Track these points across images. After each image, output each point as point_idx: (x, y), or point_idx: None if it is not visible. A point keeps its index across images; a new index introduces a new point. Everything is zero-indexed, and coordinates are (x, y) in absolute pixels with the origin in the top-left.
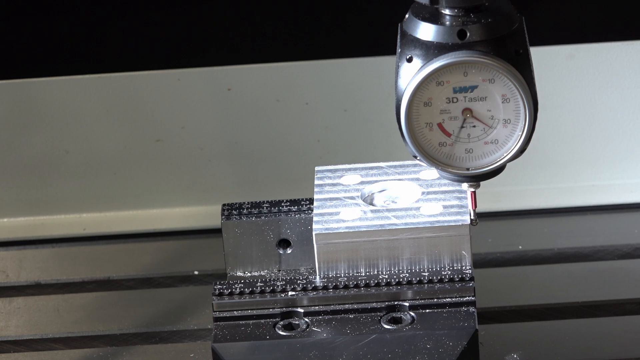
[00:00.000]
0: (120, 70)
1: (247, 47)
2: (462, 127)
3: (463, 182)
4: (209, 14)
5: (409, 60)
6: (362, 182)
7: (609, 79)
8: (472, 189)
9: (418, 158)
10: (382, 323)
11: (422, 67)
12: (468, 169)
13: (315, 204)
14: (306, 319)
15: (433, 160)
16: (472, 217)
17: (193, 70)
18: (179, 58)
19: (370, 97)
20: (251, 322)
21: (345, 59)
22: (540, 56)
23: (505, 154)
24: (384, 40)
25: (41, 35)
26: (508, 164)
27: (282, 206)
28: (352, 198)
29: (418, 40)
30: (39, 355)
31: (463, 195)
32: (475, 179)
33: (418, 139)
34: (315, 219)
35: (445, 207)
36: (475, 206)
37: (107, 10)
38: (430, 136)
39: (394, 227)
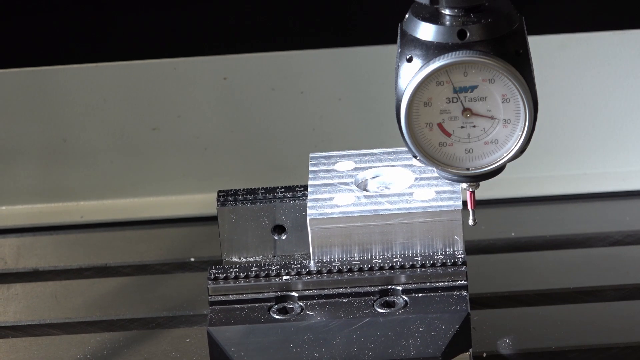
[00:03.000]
0: (117, 60)
1: (243, 37)
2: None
3: (463, 182)
4: (205, 3)
5: (409, 60)
6: (355, 169)
7: (602, 68)
8: (471, 189)
9: (418, 158)
10: (375, 307)
11: (422, 67)
12: (468, 169)
13: (309, 189)
14: (300, 303)
15: (433, 160)
16: (472, 218)
17: (189, 60)
18: (175, 47)
19: (364, 86)
20: (246, 306)
21: (340, 48)
22: (533, 45)
23: (505, 154)
24: (379, 29)
25: (38, 25)
26: None
27: (277, 192)
28: (346, 184)
29: (418, 40)
30: (37, 341)
31: None
32: (475, 179)
33: (418, 139)
34: (309, 204)
35: (437, 192)
36: (474, 206)
37: (104, 0)
38: (430, 136)
39: (387, 212)
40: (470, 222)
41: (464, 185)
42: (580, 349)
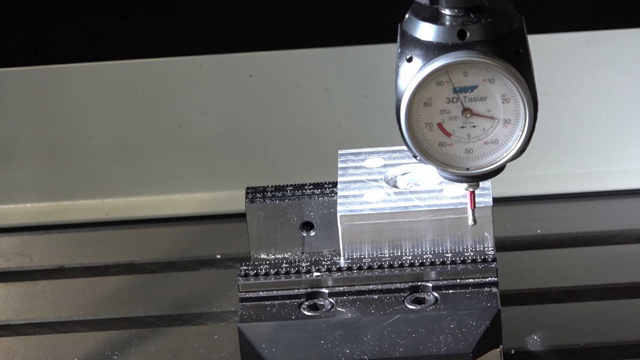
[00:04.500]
0: (143, 57)
1: (269, 34)
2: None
3: (463, 182)
4: (231, 0)
5: (409, 60)
6: (385, 165)
7: (627, 65)
8: (471, 189)
9: (418, 158)
10: (406, 303)
11: (422, 67)
12: (468, 169)
13: (339, 186)
14: (331, 300)
15: (433, 160)
16: (471, 218)
17: (215, 57)
18: (201, 44)
19: (389, 83)
20: (276, 302)
21: (365, 45)
22: (558, 43)
23: (505, 154)
24: None
25: (63, 22)
26: (528, 149)
27: (306, 189)
28: (375, 181)
29: (418, 40)
30: (64, 337)
31: None
32: (475, 179)
33: (418, 139)
34: (339, 200)
35: None
36: (474, 206)
37: None
38: (430, 136)
39: (417, 208)
40: (470, 222)
41: (464, 185)
42: (608, 345)
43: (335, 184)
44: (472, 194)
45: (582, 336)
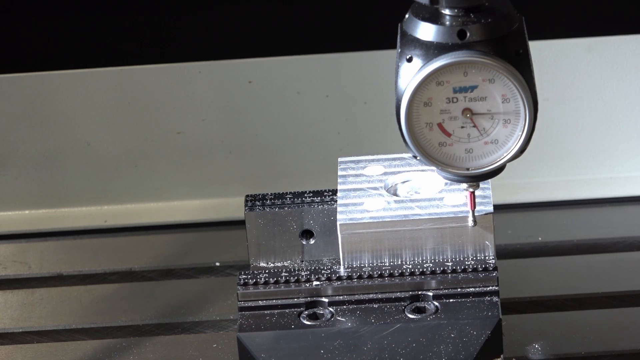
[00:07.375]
0: (142, 63)
1: (268, 40)
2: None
3: (463, 182)
4: (230, 6)
5: (409, 60)
6: (385, 173)
7: (628, 71)
8: (472, 189)
9: (418, 158)
10: (406, 312)
11: (422, 67)
12: (468, 169)
13: (339, 194)
14: (331, 309)
15: (433, 160)
16: (471, 218)
17: (214, 63)
18: (200, 50)
19: (389, 89)
20: (276, 311)
21: (365, 51)
22: (559, 49)
23: (505, 154)
24: None
25: (61, 28)
26: (529, 156)
27: (305, 197)
28: (375, 189)
29: (418, 40)
30: (62, 346)
31: (486, 185)
32: (475, 179)
33: (418, 139)
34: (339, 209)
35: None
36: (474, 207)
37: (127, 3)
38: (430, 136)
39: (417, 217)
40: (470, 222)
41: (464, 185)
42: (610, 354)
43: (335, 192)
44: (472, 194)
45: (583, 345)
